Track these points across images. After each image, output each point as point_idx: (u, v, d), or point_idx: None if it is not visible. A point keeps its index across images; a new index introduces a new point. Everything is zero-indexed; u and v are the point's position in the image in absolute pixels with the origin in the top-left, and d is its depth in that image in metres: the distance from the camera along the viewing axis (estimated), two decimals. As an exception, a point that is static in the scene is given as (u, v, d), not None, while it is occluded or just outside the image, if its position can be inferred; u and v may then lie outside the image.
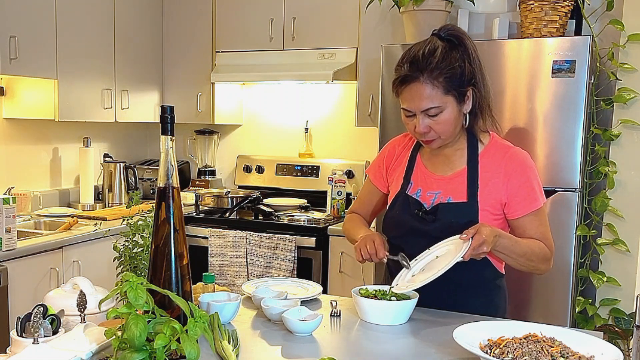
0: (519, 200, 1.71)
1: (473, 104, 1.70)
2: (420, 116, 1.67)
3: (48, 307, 1.36)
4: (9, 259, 2.67)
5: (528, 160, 1.74)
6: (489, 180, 1.72)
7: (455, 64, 1.65)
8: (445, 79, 1.64)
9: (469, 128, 1.74)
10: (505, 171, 1.72)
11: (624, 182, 2.83)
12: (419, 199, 1.78)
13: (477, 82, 1.68)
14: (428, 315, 1.67)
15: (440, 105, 1.65)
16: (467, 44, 1.68)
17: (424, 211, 1.74)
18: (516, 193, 1.71)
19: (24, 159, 3.58)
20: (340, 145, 3.99)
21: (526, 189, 1.71)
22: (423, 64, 1.64)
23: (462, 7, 3.10)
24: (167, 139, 1.29)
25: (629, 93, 2.77)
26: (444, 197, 1.74)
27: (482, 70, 1.70)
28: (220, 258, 3.44)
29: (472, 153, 1.75)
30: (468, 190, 1.72)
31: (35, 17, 3.14)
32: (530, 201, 1.71)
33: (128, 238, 1.59)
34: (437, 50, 1.65)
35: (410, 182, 1.81)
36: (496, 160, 1.73)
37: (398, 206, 1.81)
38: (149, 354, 1.14)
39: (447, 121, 1.67)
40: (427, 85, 1.64)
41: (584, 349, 1.31)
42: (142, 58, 3.90)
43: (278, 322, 1.57)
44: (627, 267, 2.83)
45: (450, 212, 1.71)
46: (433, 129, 1.68)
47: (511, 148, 1.76)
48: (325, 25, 3.62)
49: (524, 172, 1.72)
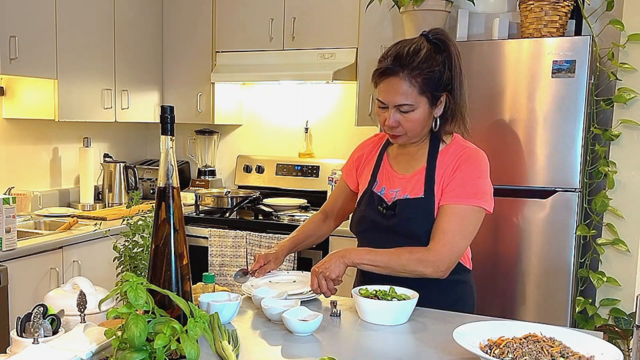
0: (449, 189, 1.73)
1: (445, 109, 1.74)
2: (392, 110, 1.72)
3: (48, 307, 1.36)
4: (9, 259, 2.67)
5: (480, 160, 1.75)
6: (442, 175, 1.76)
7: (436, 67, 1.69)
8: (423, 80, 1.68)
9: (437, 130, 1.78)
10: (455, 165, 1.75)
11: (624, 182, 2.83)
12: (382, 195, 1.83)
13: (454, 89, 1.72)
14: (428, 315, 1.67)
15: (413, 104, 1.70)
16: (452, 51, 1.72)
17: (385, 207, 1.80)
18: (453, 183, 1.73)
19: (24, 159, 3.58)
20: (340, 145, 3.99)
21: (463, 182, 1.72)
22: (406, 60, 1.68)
23: (462, 7, 3.10)
24: (167, 139, 1.29)
25: (629, 93, 2.77)
26: (402, 194, 1.80)
27: (461, 78, 1.74)
28: (220, 258, 3.44)
29: (432, 152, 1.79)
30: (425, 186, 1.76)
31: (35, 17, 3.14)
32: (458, 194, 1.71)
33: (128, 238, 1.59)
34: (421, 51, 1.69)
35: (376, 180, 1.88)
36: (452, 158, 1.77)
37: (364, 202, 1.87)
38: (149, 354, 1.14)
39: (416, 120, 1.72)
40: (405, 82, 1.68)
41: (584, 349, 1.31)
42: (142, 58, 3.90)
43: (278, 322, 1.57)
44: (627, 267, 2.83)
45: (408, 207, 1.76)
46: (402, 125, 1.73)
47: (469, 147, 1.79)
48: (325, 25, 3.62)
49: (469, 168, 1.73)
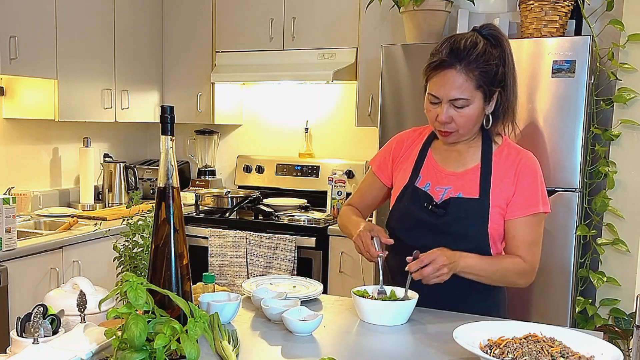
0: (520, 201, 1.71)
1: (496, 106, 1.71)
2: (445, 105, 1.67)
3: (48, 307, 1.36)
4: (9, 259, 2.67)
5: (537, 165, 1.76)
6: (500, 179, 1.73)
7: (493, 62, 1.66)
8: (480, 74, 1.65)
9: (486, 129, 1.75)
10: (516, 172, 1.73)
11: (624, 182, 2.83)
12: (428, 192, 1.77)
13: (507, 86, 1.69)
14: (428, 315, 1.67)
15: (468, 98, 1.66)
16: (505, 47, 1.70)
17: (435, 205, 1.74)
18: (520, 194, 1.71)
19: (24, 159, 3.58)
20: (340, 145, 3.99)
21: (530, 191, 1.72)
22: (463, 53, 1.64)
23: (462, 7, 3.10)
24: (167, 139, 1.29)
25: (629, 93, 2.77)
26: (454, 192, 1.75)
27: (514, 75, 1.71)
28: (220, 258, 3.44)
29: (487, 151, 1.76)
30: (480, 186, 1.72)
31: (35, 17, 3.14)
32: (530, 204, 1.71)
33: (128, 238, 1.59)
34: (478, 44, 1.66)
35: (419, 176, 1.81)
36: (509, 161, 1.74)
37: (407, 198, 1.80)
38: (149, 354, 1.14)
39: (470, 116, 1.68)
40: (461, 74, 1.64)
41: (584, 349, 1.31)
42: (142, 58, 3.90)
43: (278, 322, 1.57)
44: (627, 267, 2.83)
45: (462, 207, 1.72)
46: (455, 121, 1.68)
47: (523, 151, 1.78)
48: (325, 25, 3.62)
49: (532, 175, 1.73)
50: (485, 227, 1.71)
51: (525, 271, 1.72)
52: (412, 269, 1.58)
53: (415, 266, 1.58)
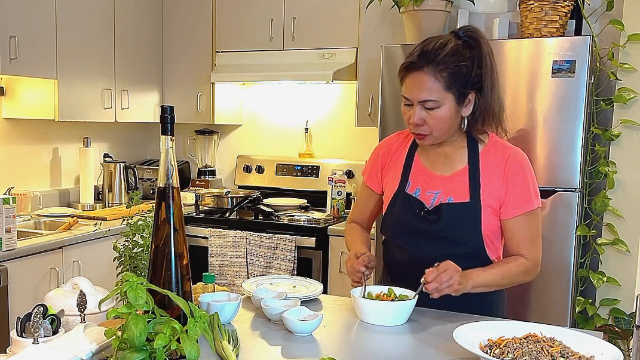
0: (513, 200, 1.71)
1: (474, 109, 1.69)
2: (417, 107, 1.67)
3: (48, 307, 1.36)
4: (9, 259, 2.67)
5: (527, 162, 1.75)
6: (489, 179, 1.72)
7: (463, 62, 1.64)
8: (449, 75, 1.63)
9: (467, 131, 1.74)
10: (504, 170, 1.71)
11: (624, 182, 2.82)
12: (418, 198, 1.77)
13: (484, 89, 1.67)
14: (428, 315, 1.67)
15: (438, 100, 1.65)
16: (483, 48, 1.67)
17: (427, 211, 1.74)
18: (513, 192, 1.71)
19: (24, 159, 3.58)
20: (340, 145, 3.99)
21: (522, 189, 1.71)
22: (431, 55, 1.64)
23: (462, 7, 3.09)
24: (167, 139, 1.29)
25: (629, 93, 2.77)
26: (444, 196, 1.74)
27: (493, 77, 1.68)
28: (220, 258, 3.44)
29: (473, 152, 1.74)
30: (470, 189, 1.71)
31: (35, 17, 3.14)
32: (524, 202, 1.71)
33: (128, 238, 1.59)
34: (447, 45, 1.65)
35: (408, 181, 1.80)
36: (497, 160, 1.73)
37: (398, 205, 1.79)
38: (149, 354, 1.14)
39: (441, 118, 1.67)
40: (429, 76, 1.64)
41: (584, 349, 1.31)
42: (142, 58, 3.90)
43: (278, 322, 1.57)
44: (627, 267, 2.83)
45: (453, 212, 1.71)
46: (427, 123, 1.67)
47: (511, 148, 1.76)
48: (325, 25, 3.62)
49: (522, 173, 1.72)
50: (479, 230, 1.70)
51: (529, 269, 1.73)
52: (429, 278, 1.58)
53: (432, 274, 1.58)
